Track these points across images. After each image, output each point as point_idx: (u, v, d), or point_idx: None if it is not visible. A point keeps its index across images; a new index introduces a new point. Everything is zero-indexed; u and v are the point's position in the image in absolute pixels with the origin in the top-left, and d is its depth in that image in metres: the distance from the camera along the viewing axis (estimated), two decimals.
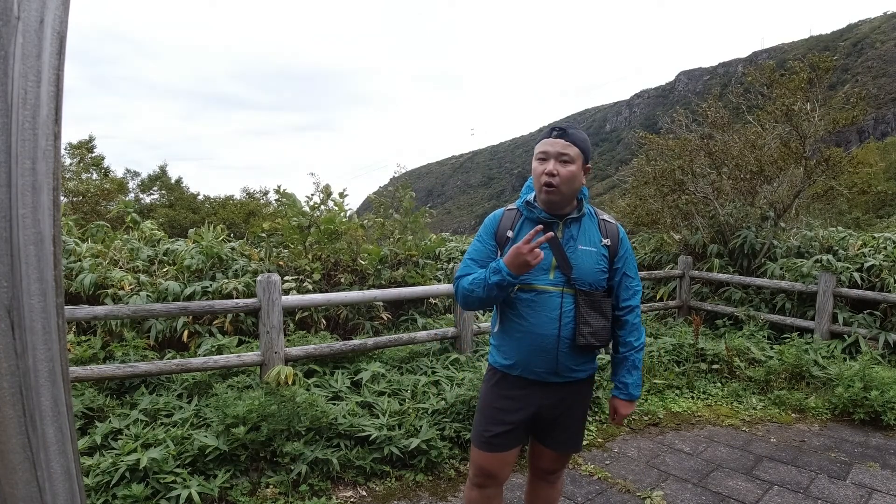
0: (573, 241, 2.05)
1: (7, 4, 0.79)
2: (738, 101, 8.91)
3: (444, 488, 3.31)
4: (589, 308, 2.02)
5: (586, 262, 2.04)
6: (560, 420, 2.17)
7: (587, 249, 2.06)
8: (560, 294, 2.01)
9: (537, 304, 2.01)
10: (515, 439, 2.17)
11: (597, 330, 2.02)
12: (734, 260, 7.51)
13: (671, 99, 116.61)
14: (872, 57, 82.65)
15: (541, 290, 2.01)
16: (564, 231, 2.06)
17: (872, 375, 4.50)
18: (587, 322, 2.01)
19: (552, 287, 2.01)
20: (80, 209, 12.98)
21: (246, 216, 17.98)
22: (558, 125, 2.06)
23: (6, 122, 0.80)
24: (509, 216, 2.14)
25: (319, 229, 5.71)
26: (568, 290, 2.02)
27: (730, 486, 3.40)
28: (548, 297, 2.01)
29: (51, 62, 0.84)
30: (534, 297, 2.02)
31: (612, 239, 2.12)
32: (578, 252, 2.04)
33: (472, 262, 2.12)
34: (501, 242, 2.10)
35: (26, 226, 0.83)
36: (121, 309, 3.65)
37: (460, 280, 2.10)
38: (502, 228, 2.12)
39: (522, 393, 2.11)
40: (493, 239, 2.12)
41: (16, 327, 0.83)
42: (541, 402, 2.12)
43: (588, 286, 2.03)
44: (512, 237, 2.08)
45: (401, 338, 4.66)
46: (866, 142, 48.38)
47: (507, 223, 2.12)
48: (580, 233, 2.07)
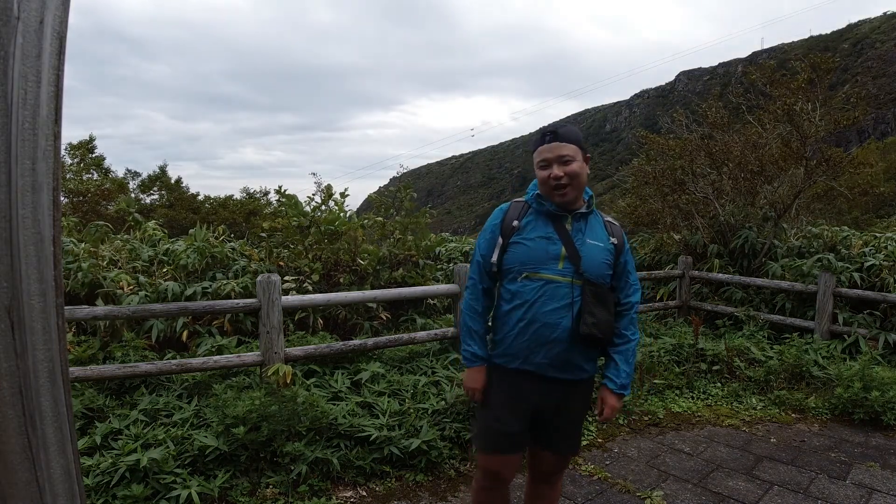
0: (581, 235, 2.09)
1: (7, 4, 0.79)
2: (738, 101, 8.90)
3: (444, 488, 3.31)
4: (594, 299, 2.04)
5: (594, 256, 2.08)
6: (559, 422, 2.18)
7: (595, 244, 2.10)
8: (570, 285, 2.04)
9: (545, 294, 2.03)
10: (519, 442, 2.18)
11: (600, 321, 2.04)
12: (734, 260, 7.51)
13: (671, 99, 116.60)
14: (872, 57, 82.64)
15: (549, 279, 2.04)
16: (574, 224, 2.10)
17: (872, 375, 4.50)
18: (592, 312, 2.03)
19: (561, 277, 2.04)
20: (80, 209, 12.97)
21: (246, 216, 17.96)
22: (549, 129, 2.10)
23: (6, 122, 0.80)
24: (517, 206, 2.19)
25: (320, 229, 5.71)
26: (577, 281, 2.04)
27: (730, 487, 3.40)
28: (556, 287, 2.04)
29: (51, 62, 0.84)
30: (541, 286, 2.04)
31: (617, 238, 2.18)
32: (587, 245, 2.08)
33: (477, 266, 2.20)
34: (507, 232, 2.14)
35: (26, 226, 0.83)
36: (121, 309, 3.65)
37: (466, 294, 2.25)
38: (509, 218, 2.16)
39: (521, 389, 2.11)
40: (499, 229, 2.17)
41: (16, 327, 0.83)
42: (540, 401, 2.12)
43: (595, 279, 2.06)
44: (518, 227, 2.12)
45: (400, 338, 4.66)
46: (866, 142, 48.38)
47: (514, 213, 2.17)
48: (588, 228, 2.12)
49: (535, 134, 2.16)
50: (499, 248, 2.14)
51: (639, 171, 9.31)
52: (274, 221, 6.07)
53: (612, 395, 2.17)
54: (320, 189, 6.14)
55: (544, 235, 2.08)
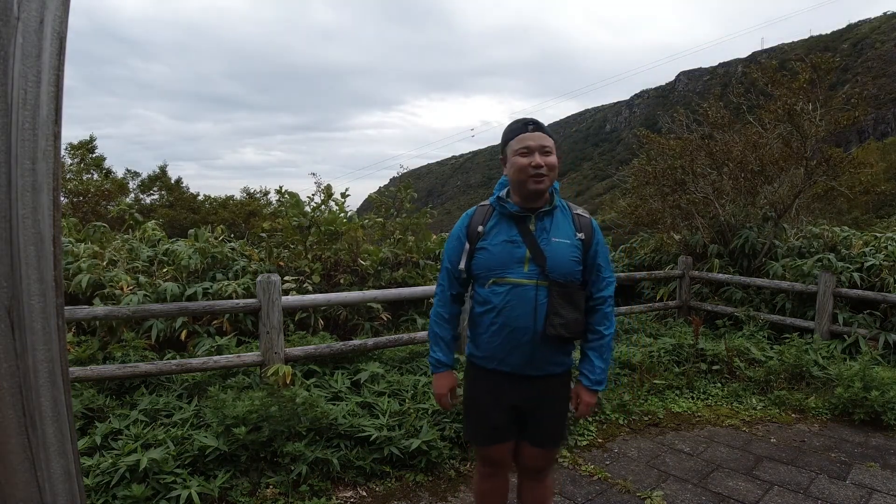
0: (546, 234, 2.08)
1: (7, 4, 0.79)
2: (738, 100, 8.90)
3: (444, 489, 3.31)
4: (562, 299, 2.04)
5: (560, 254, 2.06)
6: (537, 415, 2.19)
7: (561, 241, 2.08)
8: (535, 287, 2.04)
9: (512, 298, 2.05)
10: (507, 432, 2.21)
11: (568, 321, 2.04)
12: (734, 260, 7.50)
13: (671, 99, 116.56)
14: (872, 57, 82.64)
15: (515, 283, 2.05)
16: (537, 224, 2.09)
17: (872, 376, 4.50)
18: (558, 313, 2.03)
19: (527, 280, 2.04)
20: (81, 209, 12.97)
21: (247, 216, 17.97)
22: (530, 119, 2.10)
23: (6, 122, 0.80)
24: (481, 212, 2.20)
25: (320, 230, 5.71)
26: (542, 283, 2.04)
27: (730, 487, 3.40)
28: (522, 290, 2.04)
29: (51, 62, 0.84)
30: (509, 290, 2.05)
31: (585, 232, 2.15)
32: (552, 244, 2.07)
33: (446, 272, 2.23)
34: (472, 237, 2.15)
35: (26, 226, 0.83)
36: (120, 309, 3.65)
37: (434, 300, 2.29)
38: (474, 224, 2.17)
39: (501, 387, 2.15)
40: (465, 235, 2.18)
41: (16, 328, 0.83)
42: (519, 396, 2.15)
43: (562, 277, 2.06)
44: (483, 232, 2.13)
45: (400, 338, 4.66)
46: (866, 142, 48.38)
47: (479, 219, 2.17)
48: (553, 225, 2.11)
49: (515, 123, 2.12)
50: (466, 253, 2.15)
51: (639, 171, 9.31)
52: (274, 221, 6.07)
53: (586, 391, 2.19)
54: (320, 189, 6.14)
55: (508, 239, 2.08)
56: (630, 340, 5.80)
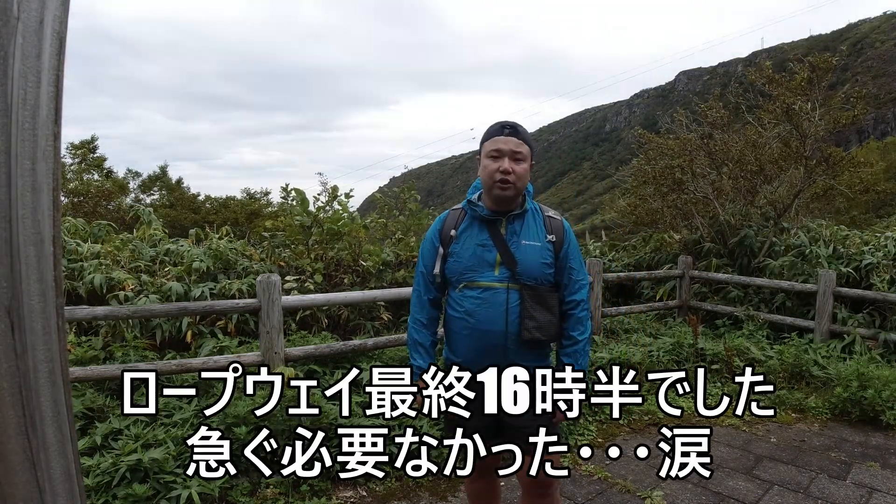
0: (516, 237, 2.07)
1: (7, 4, 0.79)
2: (737, 100, 8.91)
3: (444, 488, 3.31)
4: (534, 302, 2.03)
5: (531, 257, 2.05)
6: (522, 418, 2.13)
7: (531, 244, 2.07)
8: (506, 290, 2.03)
9: (484, 301, 2.04)
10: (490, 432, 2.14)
11: (542, 324, 2.03)
12: (734, 260, 7.51)
13: (671, 99, 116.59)
14: (872, 57, 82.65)
15: (486, 286, 2.04)
16: (508, 227, 2.08)
17: (868, 375, 4.50)
18: (532, 316, 2.02)
19: (498, 283, 2.04)
20: (81, 209, 12.97)
21: (248, 216, 17.97)
22: (508, 122, 2.06)
23: (6, 122, 0.80)
24: (454, 216, 2.19)
25: (322, 229, 5.71)
26: (513, 286, 2.03)
27: (730, 486, 3.40)
28: (493, 294, 2.03)
29: (50, 62, 0.84)
30: (479, 293, 2.05)
31: (556, 234, 2.13)
32: (522, 247, 2.06)
33: (421, 276, 2.22)
34: (445, 241, 2.14)
35: (26, 226, 0.83)
36: (120, 310, 3.65)
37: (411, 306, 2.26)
38: (447, 228, 2.16)
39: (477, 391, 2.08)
40: (438, 239, 2.18)
41: (16, 328, 0.83)
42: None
43: (533, 280, 2.05)
44: (455, 236, 2.12)
45: (401, 338, 4.66)
46: (866, 141, 48.37)
47: (452, 223, 2.17)
48: (523, 228, 2.09)
49: (493, 126, 2.09)
50: (440, 257, 2.14)
51: (638, 171, 9.32)
52: (276, 221, 6.06)
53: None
54: (325, 189, 6.14)
55: (479, 243, 2.07)
56: (630, 340, 5.80)
